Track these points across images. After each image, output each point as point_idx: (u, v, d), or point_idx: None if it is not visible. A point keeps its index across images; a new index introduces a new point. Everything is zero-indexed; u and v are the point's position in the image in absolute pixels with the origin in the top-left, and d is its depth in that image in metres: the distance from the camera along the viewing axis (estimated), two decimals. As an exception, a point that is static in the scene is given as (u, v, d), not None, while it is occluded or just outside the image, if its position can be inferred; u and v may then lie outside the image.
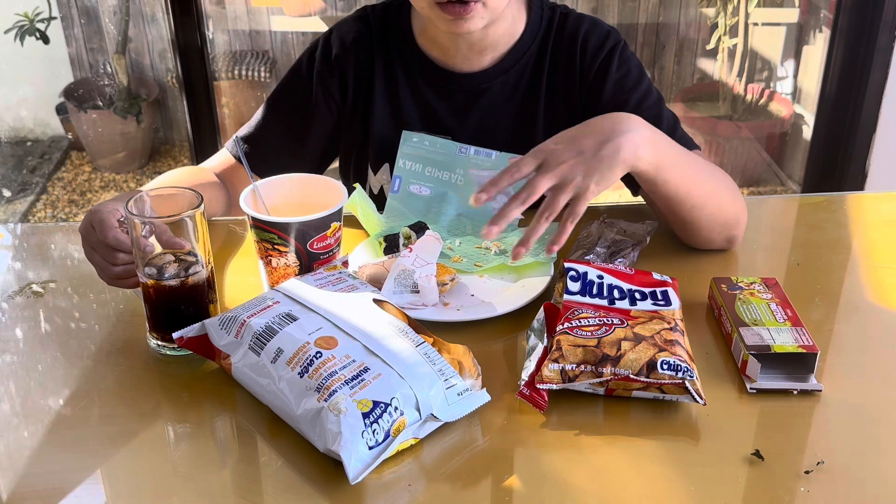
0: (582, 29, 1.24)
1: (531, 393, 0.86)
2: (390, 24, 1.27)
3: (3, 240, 1.28)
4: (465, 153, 1.23)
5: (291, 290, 0.93)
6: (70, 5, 3.53)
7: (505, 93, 1.26)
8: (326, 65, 1.27)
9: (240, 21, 3.57)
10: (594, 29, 1.24)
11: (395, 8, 1.27)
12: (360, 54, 1.26)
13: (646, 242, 1.15)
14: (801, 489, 0.78)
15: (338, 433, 0.77)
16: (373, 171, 1.30)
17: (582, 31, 1.24)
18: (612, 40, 1.23)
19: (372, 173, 1.30)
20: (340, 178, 1.41)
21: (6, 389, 0.94)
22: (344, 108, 1.29)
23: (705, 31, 3.43)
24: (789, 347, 0.91)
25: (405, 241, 1.12)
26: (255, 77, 3.43)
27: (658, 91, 1.25)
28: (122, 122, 3.48)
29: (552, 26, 1.25)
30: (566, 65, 1.24)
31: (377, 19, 1.27)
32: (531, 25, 1.25)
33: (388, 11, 1.28)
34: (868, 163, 2.40)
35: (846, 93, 2.36)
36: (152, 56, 3.65)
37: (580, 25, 1.24)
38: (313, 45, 1.29)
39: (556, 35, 1.25)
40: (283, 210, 1.05)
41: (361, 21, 1.28)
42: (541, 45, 1.25)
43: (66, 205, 3.38)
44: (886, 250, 1.21)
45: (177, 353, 0.96)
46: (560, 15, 1.26)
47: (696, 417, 0.87)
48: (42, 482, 0.81)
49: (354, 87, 1.27)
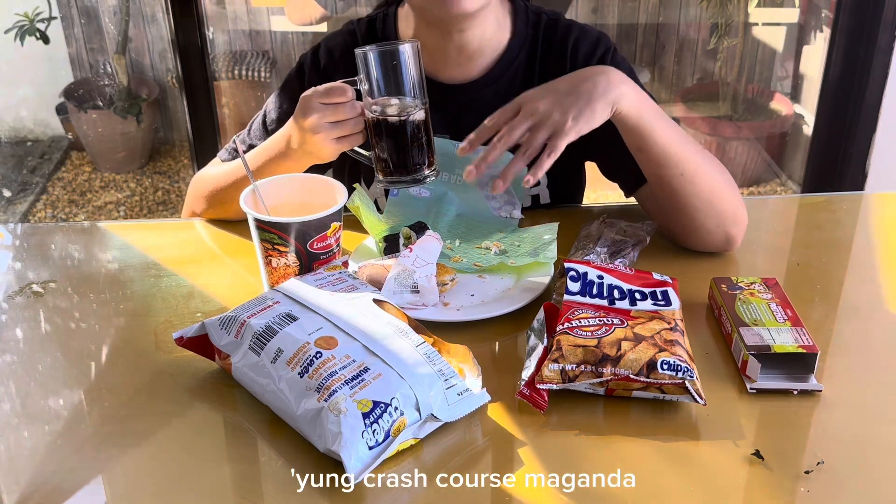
0: (571, 36, 1.24)
1: (531, 393, 0.86)
2: (377, 37, 1.27)
3: (3, 240, 1.28)
4: None
5: (291, 290, 0.93)
6: (70, 5, 3.53)
7: (496, 102, 1.25)
8: (316, 77, 1.27)
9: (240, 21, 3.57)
10: (584, 36, 1.24)
11: (380, 20, 1.28)
12: (347, 67, 1.26)
13: (646, 242, 1.15)
14: (801, 489, 0.78)
15: (338, 433, 0.77)
16: (366, 185, 1.30)
17: (571, 38, 1.24)
18: (602, 46, 1.24)
19: (365, 187, 1.31)
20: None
21: (6, 389, 0.94)
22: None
23: (705, 31, 3.43)
24: (789, 347, 0.91)
25: (405, 241, 1.12)
26: (255, 77, 3.43)
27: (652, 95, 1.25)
28: (122, 122, 3.48)
29: (539, 33, 1.25)
30: (557, 73, 1.24)
31: (363, 32, 1.28)
32: (518, 32, 1.24)
33: (374, 24, 1.28)
34: (868, 163, 2.40)
35: (846, 93, 2.36)
36: (152, 56, 3.65)
37: (569, 33, 1.24)
38: (302, 59, 1.30)
39: (544, 43, 1.25)
40: (283, 210, 1.05)
41: (349, 35, 1.29)
42: (529, 52, 1.25)
43: (66, 205, 3.38)
44: (886, 250, 1.21)
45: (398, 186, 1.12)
46: (547, 21, 1.26)
47: (696, 417, 0.87)
48: (42, 482, 0.81)
49: None
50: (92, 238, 1.31)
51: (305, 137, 1.09)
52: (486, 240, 1.19)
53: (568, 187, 1.35)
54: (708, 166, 1.12)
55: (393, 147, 1.08)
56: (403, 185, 1.11)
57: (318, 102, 1.07)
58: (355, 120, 1.07)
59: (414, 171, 1.09)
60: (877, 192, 1.47)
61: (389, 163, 1.09)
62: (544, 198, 1.30)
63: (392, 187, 1.14)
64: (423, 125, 1.07)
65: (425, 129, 1.08)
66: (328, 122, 1.07)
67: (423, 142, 1.08)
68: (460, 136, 1.26)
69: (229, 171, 1.24)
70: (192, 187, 1.31)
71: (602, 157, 1.26)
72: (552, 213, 1.26)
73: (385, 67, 1.04)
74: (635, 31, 3.47)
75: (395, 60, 1.04)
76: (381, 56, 1.04)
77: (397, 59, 1.04)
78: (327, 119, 1.07)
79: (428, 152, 1.09)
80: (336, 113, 1.06)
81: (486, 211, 1.24)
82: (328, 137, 1.08)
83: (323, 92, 1.07)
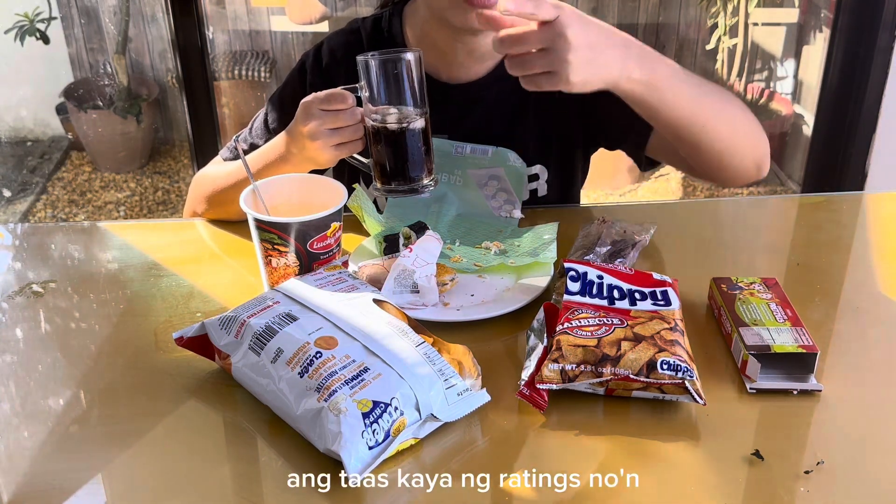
0: None
1: (531, 393, 0.86)
2: (382, 35, 1.27)
3: (3, 240, 1.28)
4: (461, 153, 1.23)
5: (291, 290, 0.93)
6: (70, 5, 3.53)
7: (500, 101, 1.25)
8: (318, 76, 1.27)
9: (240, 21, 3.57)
10: None
11: (386, 19, 1.28)
12: (349, 66, 1.26)
13: (646, 242, 1.15)
14: (801, 489, 0.78)
15: (338, 433, 0.77)
16: (365, 185, 1.31)
17: None
18: None
19: (364, 187, 1.31)
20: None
21: (6, 389, 0.94)
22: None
23: (705, 31, 3.43)
24: (789, 347, 0.91)
25: (405, 241, 1.12)
26: (255, 77, 3.43)
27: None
28: (122, 122, 3.48)
29: None
30: None
31: (368, 31, 1.28)
32: None
33: (380, 22, 1.28)
34: (868, 163, 2.40)
35: (846, 93, 2.36)
36: (152, 56, 3.65)
37: None
38: (304, 58, 1.30)
39: None
40: (283, 210, 1.05)
41: (352, 33, 1.29)
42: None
43: (66, 205, 3.38)
44: (886, 250, 1.21)
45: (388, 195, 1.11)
46: None
47: (696, 417, 0.87)
48: (42, 482, 0.81)
49: None
50: (92, 238, 1.31)
51: (304, 143, 1.09)
52: (486, 240, 1.19)
53: (567, 182, 1.35)
54: (726, 110, 1.11)
55: (392, 155, 1.07)
56: (401, 195, 1.11)
57: (318, 109, 1.06)
58: (354, 127, 1.07)
59: (412, 181, 1.08)
60: (877, 192, 1.47)
61: (388, 171, 1.08)
62: (542, 191, 1.30)
63: (390, 196, 1.14)
64: (422, 134, 1.07)
65: (425, 138, 1.07)
66: (328, 129, 1.07)
67: (423, 151, 1.08)
68: (461, 135, 1.26)
69: (230, 171, 1.24)
70: (194, 188, 1.30)
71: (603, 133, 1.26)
72: (552, 213, 1.26)
73: (386, 75, 1.04)
74: (635, 31, 3.47)
75: (396, 69, 1.03)
76: (383, 64, 1.03)
77: (399, 68, 1.03)
78: (327, 125, 1.06)
79: (427, 161, 1.09)
80: (336, 120, 1.06)
81: (486, 211, 1.24)
82: (327, 144, 1.07)
83: (323, 98, 1.07)
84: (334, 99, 1.06)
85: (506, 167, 1.23)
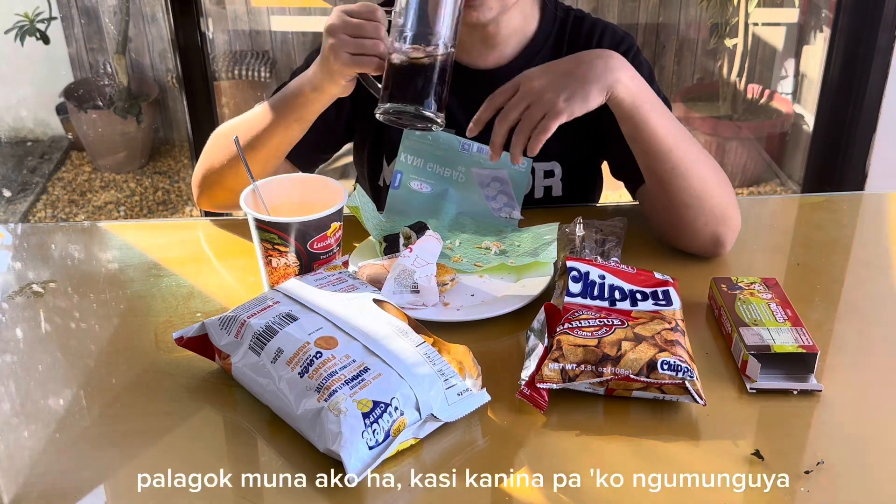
0: (596, 33, 1.26)
1: (531, 393, 0.86)
2: None
3: (3, 240, 1.28)
4: (467, 150, 1.23)
5: (291, 290, 0.93)
6: (70, 5, 3.52)
7: None
8: None
9: (240, 21, 3.57)
10: (609, 33, 1.26)
11: None
12: None
13: (623, 237, 1.16)
14: (801, 489, 0.78)
15: (338, 433, 0.77)
16: (387, 161, 1.31)
17: (596, 35, 1.26)
18: (625, 45, 1.25)
19: (386, 163, 1.31)
20: (355, 168, 1.43)
21: (6, 389, 0.94)
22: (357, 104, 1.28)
23: (705, 31, 3.43)
24: (789, 347, 0.91)
25: (405, 241, 1.12)
26: (255, 77, 3.43)
27: (666, 97, 1.25)
28: (122, 122, 3.47)
29: (566, 28, 1.27)
30: None
31: None
32: (544, 26, 1.26)
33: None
34: (868, 163, 2.40)
35: (846, 93, 2.36)
36: (152, 56, 3.64)
37: (594, 29, 1.26)
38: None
39: (570, 38, 1.27)
40: (283, 210, 1.05)
41: None
42: (554, 46, 1.26)
43: (66, 205, 3.38)
44: (886, 250, 1.21)
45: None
46: (574, 18, 1.28)
47: (696, 417, 0.87)
48: (42, 482, 0.81)
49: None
50: (92, 238, 1.31)
51: (323, 53, 1.06)
52: (486, 240, 1.19)
53: (582, 183, 1.35)
54: (702, 164, 1.12)
55: (408, 78, 1.02)
56: (406, 119, 1.04)
57: (344, 13, 1.04)
58: (374, 42, 1.03)
59: (420, 104, 1.02)
60: (877, 192, 1.47)
61: (399, 90, 1.03)
62: (557, 190, 1.30)
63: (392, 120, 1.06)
64: (445, 68, 1.02)
65: (443, 74, 1.02)
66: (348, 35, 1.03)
67: (440, 84, 1.03)
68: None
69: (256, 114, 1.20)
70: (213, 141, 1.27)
71: (612, 155, 1.27)
72: (565, 212, 1.24)
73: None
74: (635, 30, 3.47)
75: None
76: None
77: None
78: (348, 31, 1.03)
79: (440, 95, 1.03)
80: (358, 28, 1.03)
81: (487, 211, 1.24)
82: (343, 47, 1.03)
83: (353, 7, 1.04)
84: (364, 7, 1.04)
85: (510, 170, 1.22)
